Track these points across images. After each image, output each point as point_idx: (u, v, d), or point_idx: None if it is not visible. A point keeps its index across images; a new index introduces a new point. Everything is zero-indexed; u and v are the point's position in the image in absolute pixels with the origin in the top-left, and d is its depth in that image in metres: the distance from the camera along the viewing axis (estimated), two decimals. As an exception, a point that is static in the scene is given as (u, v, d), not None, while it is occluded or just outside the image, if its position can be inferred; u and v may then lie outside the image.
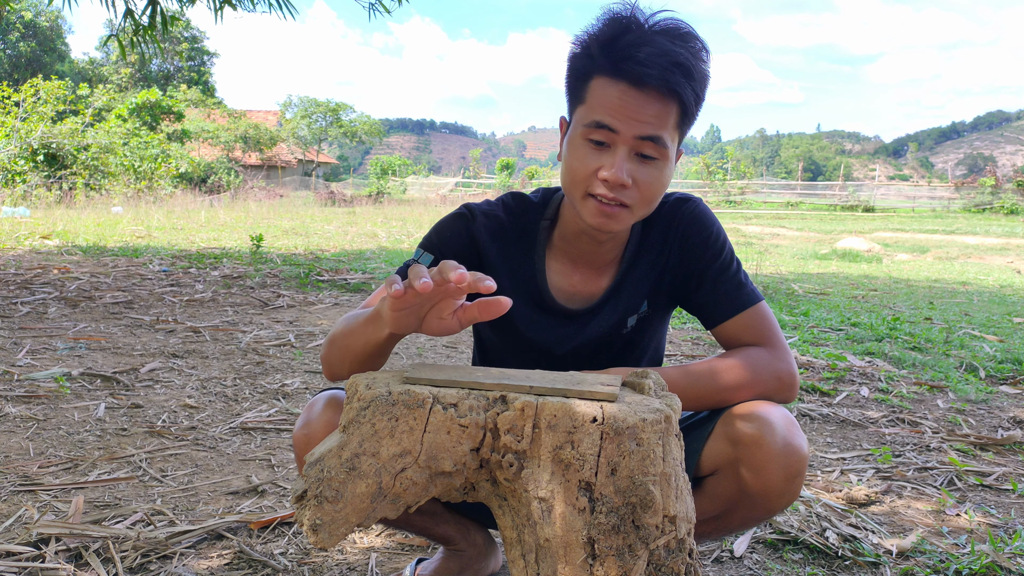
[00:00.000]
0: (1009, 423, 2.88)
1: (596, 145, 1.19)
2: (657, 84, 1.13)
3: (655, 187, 1.21)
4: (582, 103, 1.20)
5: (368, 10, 6.30)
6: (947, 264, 10.84)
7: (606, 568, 0.85)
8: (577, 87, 1.22)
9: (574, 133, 1.22)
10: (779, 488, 1.18)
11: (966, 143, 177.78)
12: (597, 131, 1.17)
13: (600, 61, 1.17)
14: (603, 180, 1.18)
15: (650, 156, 1.18)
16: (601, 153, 1.18)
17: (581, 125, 1.20)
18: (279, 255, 8.02)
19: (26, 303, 4.65)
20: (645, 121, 1.15)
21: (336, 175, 46.31)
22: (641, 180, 1.19)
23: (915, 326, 4.86)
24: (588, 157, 1.19)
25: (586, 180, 1.20)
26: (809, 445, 1.11)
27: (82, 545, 1.66)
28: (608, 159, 1.18)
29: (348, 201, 24.90)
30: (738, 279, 1.33)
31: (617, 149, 1.17)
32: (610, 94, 1.16)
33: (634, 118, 1.15)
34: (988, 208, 25.98)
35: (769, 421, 1.18)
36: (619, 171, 1.17)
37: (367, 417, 0.90)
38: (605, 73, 1.16)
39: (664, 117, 1.16)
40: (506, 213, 1.37)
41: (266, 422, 2.61)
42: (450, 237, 1.34)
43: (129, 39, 6.13)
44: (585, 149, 1.19)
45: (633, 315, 1.37)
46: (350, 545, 1.76)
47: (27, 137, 16.48)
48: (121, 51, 5.94)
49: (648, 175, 1.19)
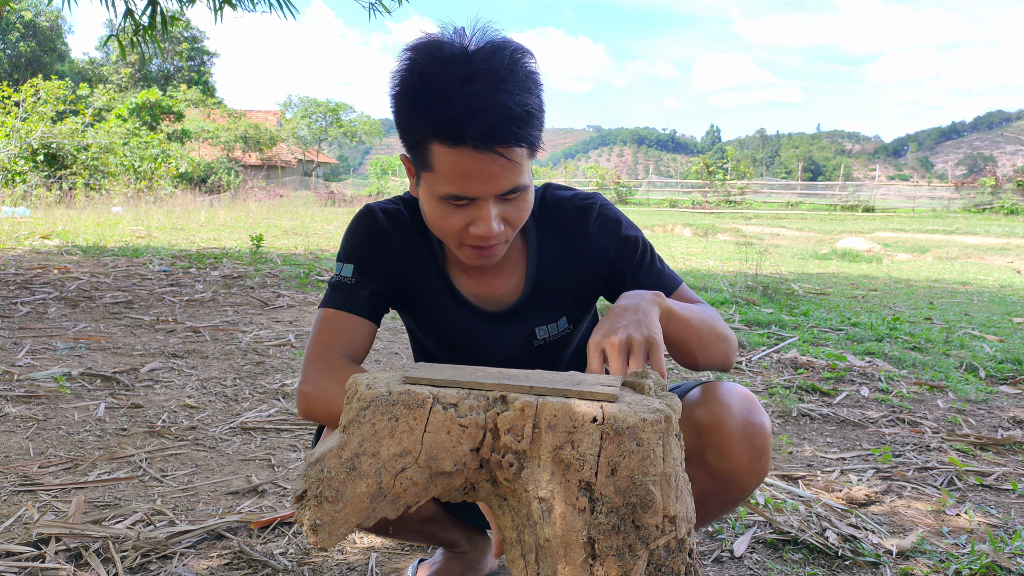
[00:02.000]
0: (1009, 423, 2.88)
1: (457, 204, 1.14)
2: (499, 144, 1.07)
3: (525, 214, 1.19)
4: (428, 169, 1.13)
5: (368, 10, 6.30)
6: (947, 264, 10.84)
7: (606, 568, 0.85)
8: (415, 149, 1.14)
9: (429, 195, 1.16)
10: (746, 468, 1.19)
11: (966, 143, 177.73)
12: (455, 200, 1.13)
13: (430, 127, 1.09)
14: (476, 236, 1.15)
15: (513, 194, 1.15)
16: (464, 210, 1.14)
17: (436, 193, 1.14)
18: (279, 255, 8.02)
19: (26, 303, 4.65)
20: (500, 180, 1.11)
21: (336, 175, 46.32)
22: (511, 216, 1.17)
23: (915, 326, 4.86)
24: (452, 217, 1.15)
25: (456, 236, 1.17)
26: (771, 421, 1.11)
27: (82, 545, 1.66)
28: (473, 213, 1.14)
29: (348, 201, 24.92)
30: (656, 268, 1.34)
31: (481, 205, 1.13)
32: (457, 164, 1.09)
33: (489, 181, 1.10)
34: (988, 208, 25.98)
35: (727, 403, 1.19)
36: (490, 227, 1.14)
37: (367, 417, 0.90)
38: (441, 141, 1.08)
39: (518, 164, 1.11)
40: (407, 208, 1.35)
41: (266, 422, 2.61)
42: (359, 240, 1.32)
43: (129, 39, 6.13)
44: (446, 209, 1.15)
45: (544, 327, 1.35)
46: (350, 545, 1.76)
47: (27, 137, 16.49)
48: (121, 51, 5.94)
49: (515, 209, 1.17)
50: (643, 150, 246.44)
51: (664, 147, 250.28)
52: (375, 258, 1.31)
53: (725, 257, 10.02)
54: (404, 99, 1.12)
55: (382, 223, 1.32)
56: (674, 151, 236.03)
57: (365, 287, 1.30)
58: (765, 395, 3.19)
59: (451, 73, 1.06)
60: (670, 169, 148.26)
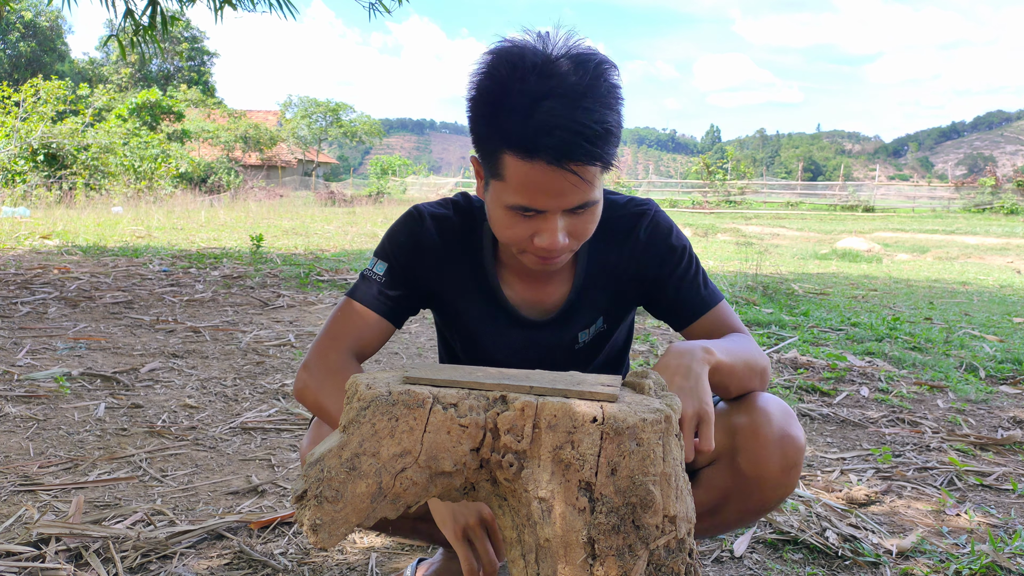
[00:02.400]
0: (1009, 423, 2.88)
1: (523, 215, 1.12)
2: (573, 161, 1.05)
3: (591, 227, 1.17)
4: (499, 178, 1.11)
5: (368, 10, 6.30)
6: (947, 264, 10.84)
7: (606, 568, 0.85)
8: (488, 157, 1.12)
9: (496, 202, 1.14)
10: (775, 479, 1.19)
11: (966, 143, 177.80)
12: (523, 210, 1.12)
13: (504, 137, 1.07)
14: (540, 247, 1.14)
15: (582, 209, 1.13)
16: (531, 220, 1.13)
17: (504, 202, 1.12)
18: (279, 255, 8.02)
19: (26, 303, 4.65)
20: (571, 195, 1.09)
21: (336, 175, 46.31)
22: (577, 230, 1.15)
23: (915, 326, 4.86)
24: (518, 226, 1.14)
25: (519, 244, 1.17)
26: (806, 438, 1.12)
27: (82, 545, 1.66)
28: (539, 225, 1.13)
29: (348, 201, 24.91)
30: (699, 281, 1.34)
31: (548, 217, 1.12)
32: (528, 177, 1.07)
33: (559, 196, 1.09)
34: (988, 208, 25.98)
35: (766, 411, 1.19)
36: (555, 240, 1.12)
37: (367, 417, 0.90)
38: (515, 152, 1.06)
39: (589, 182, 1.09)
40: (456, 213, 1.34)
41: (266, 422, 2.61)
42: (401, 242, 1.32)
43: (129, 39, 6.13)
44: (513, 218, 1.14)
45: (586, 330, 1.36)
46: (350, 545, 1.76)
47: (27, 137, 16.48)
48: (121, 51, 5.94)
49: (582, 223, 1.15)
50: (643, 150, 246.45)
51: (664, 147, 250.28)
52: (412, 265, 1.31)
53: (725, 257, 10.02)
54: (480, 106, 1.10)
55: (428, 229, 1.31)
56: (674, 151, 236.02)
57: (394, 290, 1.31)
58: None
59: (530, 84, 1.04)
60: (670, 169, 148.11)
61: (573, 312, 1.34)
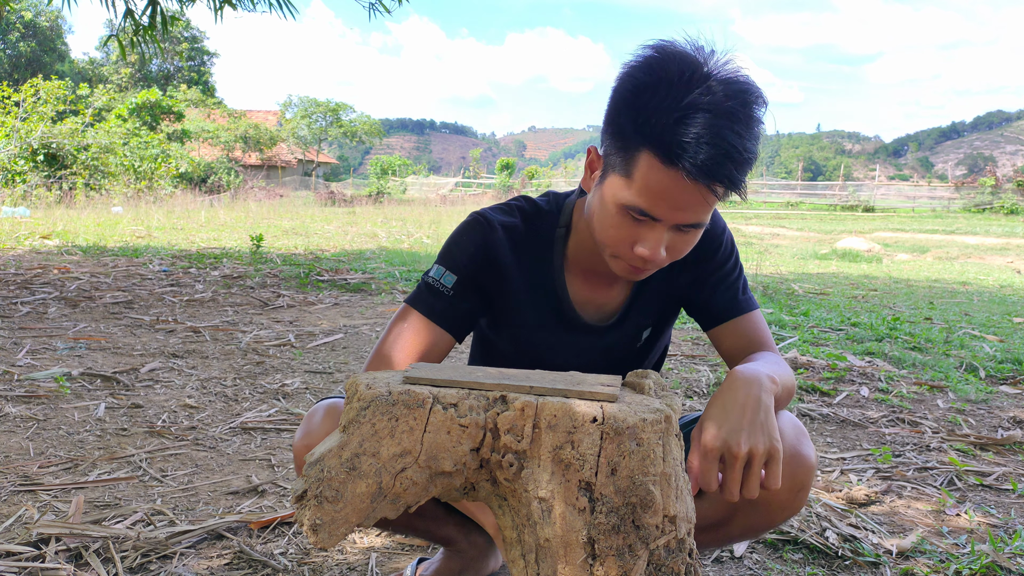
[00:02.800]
0: (1009, 423, 2.88)
1: (635, 218, 1.10)
2: (711, 181, 1.04)
3: (689, 248, 1.16)
4: (626, 175, 1.08)
5: (368, 10, 6.30)
6: (947, 264, 10.84)
7: (606, 568, 0.85)
8: (622, 152, 1.09)
9: (611, 198, 1.11)
10: (782, 499, 1.15)
11: (966, 143, 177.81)
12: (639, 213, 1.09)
13: (651, 137, 1.04)
14: (639, 255, 1.12)
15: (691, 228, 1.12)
16: (639, 226, 1.11)
17: (621, 200, 1.10)
18: (279, 255, 8.02)
19: (26, 303, 4.65)
20: (691, 211, 1.08)
21: (336, 175, 46.31)
22: (677, 248, 1.14)
23: (915, 326, 4.86)
24: (624, 228, 1.11)
25: (619, 248, 1.14)
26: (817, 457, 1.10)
27: (82, 545, 1.66)
28: (646, 233, 1.10)
29: (348, 201, 24.91)
30: (739, 284, 1.33)
31: (657, 228, 1.10)
32: (660, 182, 1.05)
33: (681, 209, 1.07)
34: (988, 208, 25.98)
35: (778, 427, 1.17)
36: (656, 252, 1.11)
37: (367, 417, 0.90)
38: (656, 153, 1.04)
39: (710, 205, 1.09)
40: (523, 220, 1.31)
41: (266, 422, 2.61)
42: (472, 252, 1.27)
43: (129, 39, 6.13)
44: (623, 219, 1.11)
45: (647, 328, 1.36)
46: (350, 545, 1.76)
47: (27, 137, 16.48)
48: (121, 51, 5.94)
49: (684, 242, 1.14)
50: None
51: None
52: (483, 276, 1.27)
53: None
54: (630, 98, 1.07)
55: (495, 239, 1.27)
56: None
57: (463, 302, 1.26)
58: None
59: (689, 91, 1.02)
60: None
61: (628, 316, 1.34)
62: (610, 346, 1.35)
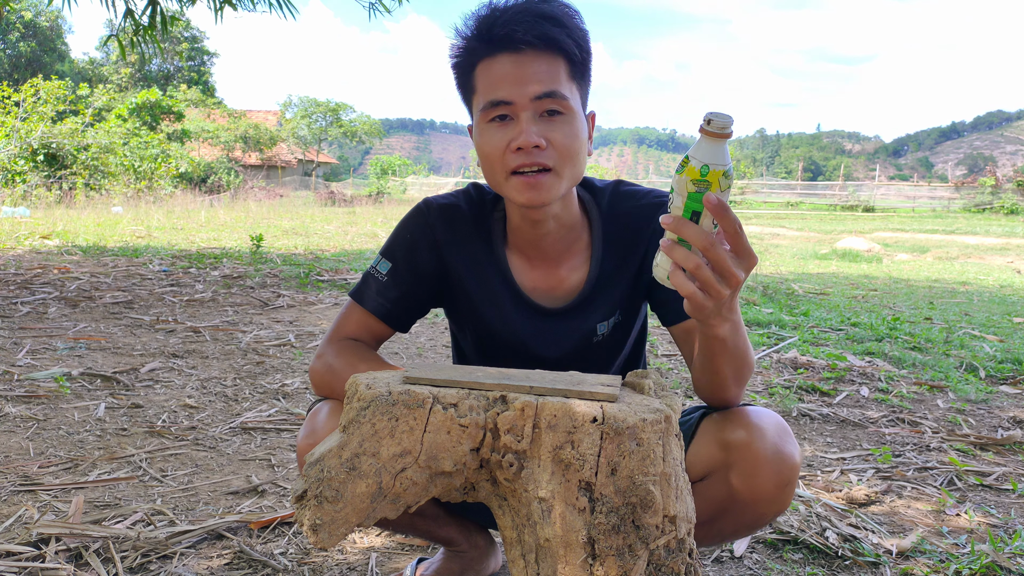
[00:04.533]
0: (1009, 423, 2.88)
1: (500, 122, 1.19)
2: (532, 40, 1.14)
3: (570, 141, 1.19)
4: (475, 92, 1.21)
5: (368, 10, 6.30)
6: (947, 264, 10.83)
7: (606, 568, 0.85)
8: (466, 82, 1.23)
9: (478, 124, 1.22)
10: (769, 495, 1.16)
11: (966, 143, 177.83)
12: (494, 109, 1.18)
13: (476, 48, 1.19)
14: (517, 150, 1.17)
15: (554, 111, 1.18)
16: (507, 127, 1.18)
17: (479, 112, 1.20)
18: (279, 255, 8.02)
19: (26, 303, 4.65)
20: (535, 80, 1.16)
21: (336, 175, 46.30)
22: (553, 137, 1.18)
23: (915, 326, 4.86)
24: (495, 136, 1.19)
25: (501, 158, 1.19)
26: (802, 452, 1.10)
27: (82, 545, 1.66)
28: (514, 129, 1.17)
29: (348, 201, 24.91)
30: None
31: (519, 117, 1.17)
32: (494, 71, 1.17)
33: (523, 82, 1.15)
34: (988, 208, 25.97)
35: (760, 427, 1.16)
36: (528, 135, 1.16)
37: (367, 417, 0.90)
38: (484, 55, 1.18)
39: (553, 71, 1.16)
40: (466, 203, 1.36)
41: (266, 422, 2.61)
42: (407, 237, 1.34)
43: (129, 39, 6.13)
44: (491, 130, 1.19)
45: (605, 322, 1.34)
46: (350, 545, 1.76)
47: (27, 137, 16.48)
48: (121, 51, 5.94)
49: (559, 130, 1.18)
50: (643, 150, 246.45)
51: (664, 147, 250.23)
52: (417, 260, 1.32)
53: (725, 257, 9.99)
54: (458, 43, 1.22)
55: (434, 220, 1.33)
56: (674, 151, 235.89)
57: (394, 289, 1.32)
58: (765, 395, 3.19)
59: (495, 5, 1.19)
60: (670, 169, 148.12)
61: (591, 301, 1.32)
62: (572, 332, 1.33)
